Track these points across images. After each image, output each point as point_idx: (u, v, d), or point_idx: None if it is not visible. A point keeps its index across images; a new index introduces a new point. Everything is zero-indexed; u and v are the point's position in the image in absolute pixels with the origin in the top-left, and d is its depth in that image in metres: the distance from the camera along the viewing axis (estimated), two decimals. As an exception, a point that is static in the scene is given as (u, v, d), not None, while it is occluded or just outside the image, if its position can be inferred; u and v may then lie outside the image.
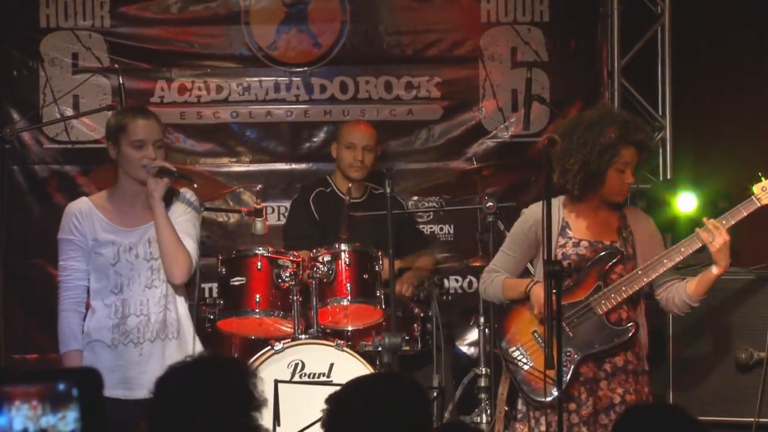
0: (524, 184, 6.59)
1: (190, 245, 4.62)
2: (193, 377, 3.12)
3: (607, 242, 4.70)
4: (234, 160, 6.88)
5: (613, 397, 4.62)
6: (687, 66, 6.82)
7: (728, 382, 5.57)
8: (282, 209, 6.75)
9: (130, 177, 4.59)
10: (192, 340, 4.65)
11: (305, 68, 6.85)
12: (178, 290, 4.65)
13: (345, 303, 5.51)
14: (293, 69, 6.86)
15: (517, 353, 4.73)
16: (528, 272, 4.89)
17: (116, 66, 6.33)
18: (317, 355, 5.30)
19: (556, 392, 4.33)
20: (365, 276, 5.48)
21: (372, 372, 5.14)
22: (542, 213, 4.37)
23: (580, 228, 4.71)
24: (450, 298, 6.60)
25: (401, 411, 2.95)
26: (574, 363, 4.57)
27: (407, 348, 5.65)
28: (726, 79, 6.80)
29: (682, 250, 4.61)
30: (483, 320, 5.81)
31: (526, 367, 4.68)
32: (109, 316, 4.56)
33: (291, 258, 5.46)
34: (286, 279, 5.39)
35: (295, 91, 6.86)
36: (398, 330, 5.26)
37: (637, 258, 4.70)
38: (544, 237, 4.32)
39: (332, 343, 5.33)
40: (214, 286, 5.92)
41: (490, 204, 5.51)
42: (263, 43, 6.84)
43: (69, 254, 4.60)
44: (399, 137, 6.87)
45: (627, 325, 4.64)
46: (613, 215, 4.76)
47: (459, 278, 6.85)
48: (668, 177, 6.77)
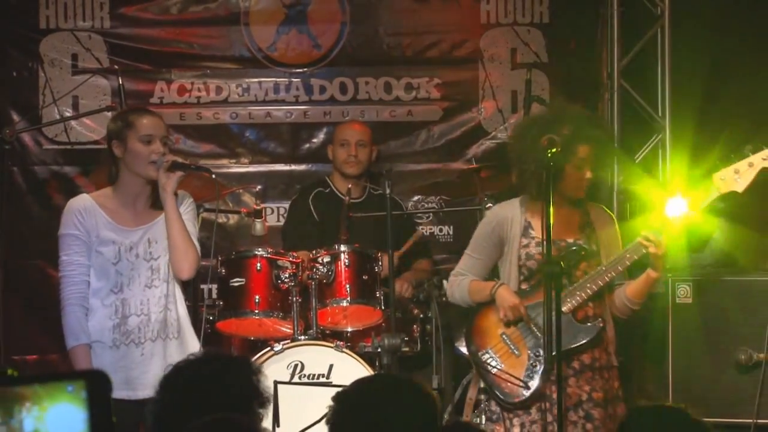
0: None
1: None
2: (198, 375, 3.11)
3: (570, 240, 4.71)
4: (233, 161, 6.88)
5: (581, 395, 4.64)
6: (687, 67, 6.80)
7: (727, 383, 5.58)
8: (281, 210, 6.75)
9: (136, 174, 4.58)
10: (192, 340, 4.65)
11: (305, 69, 6.85)
12: (178, 290, 4.64)
13: (344, 304, 5.51)
14: (293, 70, 6.86)
15: (486, 356, 4.74)
16: (496, 273, 4.89)
17: (116, 67, 6.33)
18: (317, 356, 5.30)
19: (526, 393, 4.40)
20: (365, 277, 5.49)
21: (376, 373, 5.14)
22: (542, 213, 4.37)
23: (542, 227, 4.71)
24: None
25: (409, 413, 2.95)
26: (544, 363, 4.56)
27: (407, 349, 5.66)
28: (726, 79, 6.79)
29: (627, 256, 4.64)
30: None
31: (495, 370, 4.68)
32: (110, 316, 4.55)
33: (290, 259, 5.46)
34: (286, 280, 5.39)
35: (294, 92, 6.86)
36: (398, 331, 5.27)
37: (601, 254, 4.71)
38: (544, 237, 4.32)
39: (332, 344, 5.33)
40: (214, 287, 5.91)
41: (489, 205, 5.51)
42: (263, 44, 6.84)
43: (72, 249, 4.57)
44: (398, 138, 6.87)
45: (594, 322, 4.66)
46: (575, 212, 4.76)
47: (459, 279, 6.84)
48: (666, 178, 6.75)
